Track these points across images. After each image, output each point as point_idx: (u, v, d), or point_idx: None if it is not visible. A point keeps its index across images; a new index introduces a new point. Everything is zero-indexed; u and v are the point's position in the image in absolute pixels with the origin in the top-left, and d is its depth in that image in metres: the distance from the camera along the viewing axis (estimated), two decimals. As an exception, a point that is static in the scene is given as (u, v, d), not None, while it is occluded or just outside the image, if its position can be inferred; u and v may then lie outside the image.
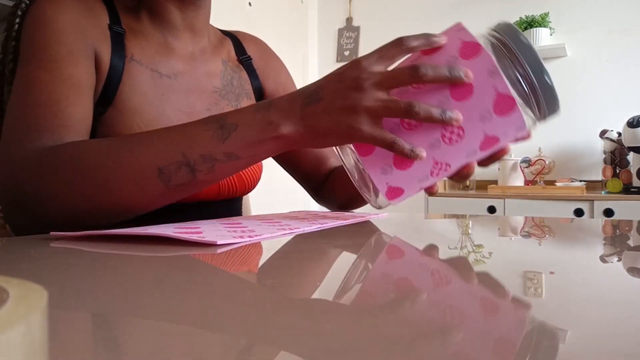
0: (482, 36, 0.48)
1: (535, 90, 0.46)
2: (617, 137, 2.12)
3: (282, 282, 0.27)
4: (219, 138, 0.50)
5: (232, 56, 0.81)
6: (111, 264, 0.31)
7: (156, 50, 0.69)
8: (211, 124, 0.51)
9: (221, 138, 0.50)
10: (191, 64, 0.73)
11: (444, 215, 0.85)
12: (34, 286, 0.12)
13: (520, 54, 0.46)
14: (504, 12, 2.59)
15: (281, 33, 2.77)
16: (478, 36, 0.48)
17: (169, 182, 0.50)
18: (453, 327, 0.19)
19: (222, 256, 0.35)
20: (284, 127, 0.50)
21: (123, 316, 0.20)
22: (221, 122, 0.51)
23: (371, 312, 0.21)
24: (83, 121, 0.59)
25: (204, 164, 0.50)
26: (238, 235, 0.42)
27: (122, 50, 0.65)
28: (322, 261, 0.37)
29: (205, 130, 0.50)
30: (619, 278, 0.31)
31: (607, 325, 0.19)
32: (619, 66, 2.34)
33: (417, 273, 0.31)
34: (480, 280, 0.29)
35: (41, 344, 0.10)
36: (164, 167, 0.50)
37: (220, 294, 0.24)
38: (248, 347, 0.16)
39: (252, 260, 0.36)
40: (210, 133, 0.50)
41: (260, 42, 0.89)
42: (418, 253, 0.40)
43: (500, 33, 0.48)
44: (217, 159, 0.50)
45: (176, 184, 0.50)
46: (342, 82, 0.48)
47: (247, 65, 0.82)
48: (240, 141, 0.50)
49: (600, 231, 0.60)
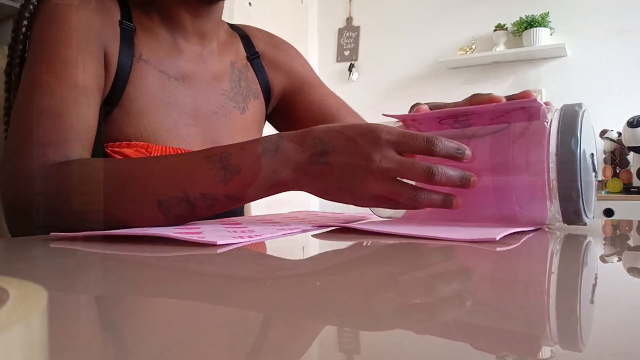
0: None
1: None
2: (617, 137, 2.12)
3: (283, 282, 0.27)
4: (221, 180, 0.49)
5: (240, 55, 0.80)
6: (111, 264, 0.31)
7: (165, 51, 0.69)
8: (214, 163, 0.49)
9: (223, 180, 0.49)
10: (199, 67, 0.72)
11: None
12: (34, 286, 0.12)
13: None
14: (504, 12, 2.59)
15: (281, 33, 2.76)
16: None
17: (169, 213, 0.50)
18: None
19: (223, 256, 0.35)
20: (287, 177, 0.49)
21: (123, 316, 0.20)
22: (224, 162, 0.49)
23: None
24: (88, 131, 0.58)
25: (204, 202, 0.50)
26: (238, 235, 0.42)
27: (131, 48, 0.65)
28: (326, 261, 0.37)
29: (208, 170, 0.49)
30: (619, 278, 0.31)
31: (607, 325, 0.19)
32: (619, 66, 2.34)
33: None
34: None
35: (41, 344, 0.10)
36: (164, 200, 0.49)
37: (221, 294, 0.24)
38: (252, 347, 0.16)
39: (253, 260, 0.36)
40: (213, 173, 0.49)
41: (269, 35, 0.88)
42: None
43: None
44: (217, 199, 0.50)
45: (175, 216, 0.50)
46: (354, 155, 0.46)
47: (256, 63, 0.82)
48: (242, 185, 0.49)
49: (600, 231, 0.60)
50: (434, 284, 0.27)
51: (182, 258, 0.34)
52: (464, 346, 0.16)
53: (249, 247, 0.39)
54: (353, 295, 0.23)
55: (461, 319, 0.20)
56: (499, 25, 2.55)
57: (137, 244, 0.40)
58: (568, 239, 0.47)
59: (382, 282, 0.27)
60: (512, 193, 0.49)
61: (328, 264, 0.34)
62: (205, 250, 0.36)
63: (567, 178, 0.45)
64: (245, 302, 0.23)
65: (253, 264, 0.34)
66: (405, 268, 0.32)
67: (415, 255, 0.37)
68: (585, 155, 0.47)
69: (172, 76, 0.68)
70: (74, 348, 0.16)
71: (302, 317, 0.20)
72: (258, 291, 0.25)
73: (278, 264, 0.35)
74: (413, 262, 0.35)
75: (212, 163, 0.50)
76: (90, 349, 0.16)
